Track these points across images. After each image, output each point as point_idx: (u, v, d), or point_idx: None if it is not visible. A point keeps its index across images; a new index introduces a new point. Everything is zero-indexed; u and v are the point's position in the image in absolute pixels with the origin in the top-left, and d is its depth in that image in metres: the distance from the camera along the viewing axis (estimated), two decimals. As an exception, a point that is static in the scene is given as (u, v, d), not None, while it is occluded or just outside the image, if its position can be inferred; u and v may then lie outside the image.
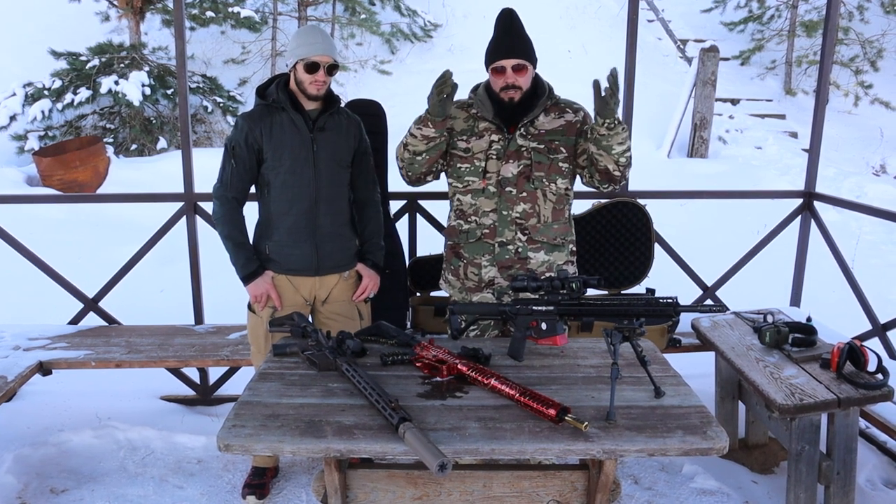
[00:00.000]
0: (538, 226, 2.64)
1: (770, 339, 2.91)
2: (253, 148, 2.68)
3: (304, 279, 2.78)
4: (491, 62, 2.59)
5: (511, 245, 2.64)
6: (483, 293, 2.71)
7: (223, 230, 2.73)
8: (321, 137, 2.70)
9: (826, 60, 3.85)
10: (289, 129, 2.67)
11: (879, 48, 11.87)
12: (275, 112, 2.68)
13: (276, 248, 2.74)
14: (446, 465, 1.56)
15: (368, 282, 2.87)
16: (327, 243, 2.76)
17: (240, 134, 2.67)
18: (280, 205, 2.71)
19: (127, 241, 4.21)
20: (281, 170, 2.69)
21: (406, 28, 11.93)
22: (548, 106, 2.65)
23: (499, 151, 2.62)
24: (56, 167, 7.80)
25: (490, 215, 2.65)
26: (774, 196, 4.61)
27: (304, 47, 2.61)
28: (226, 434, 1.75)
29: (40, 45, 9.62)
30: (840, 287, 3.87)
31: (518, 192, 2.62)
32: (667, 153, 9.54)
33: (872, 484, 3.02)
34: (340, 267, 2.82)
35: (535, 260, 2.66)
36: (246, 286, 2.74)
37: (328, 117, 2.72)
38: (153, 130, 9.47)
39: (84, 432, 3.28)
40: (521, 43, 2.56)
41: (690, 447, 1.75)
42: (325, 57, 2.62)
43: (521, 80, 2.56)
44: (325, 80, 2.65)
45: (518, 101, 2.59)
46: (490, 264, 2.67)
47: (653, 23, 13.13)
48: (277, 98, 2.68)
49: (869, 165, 9.88)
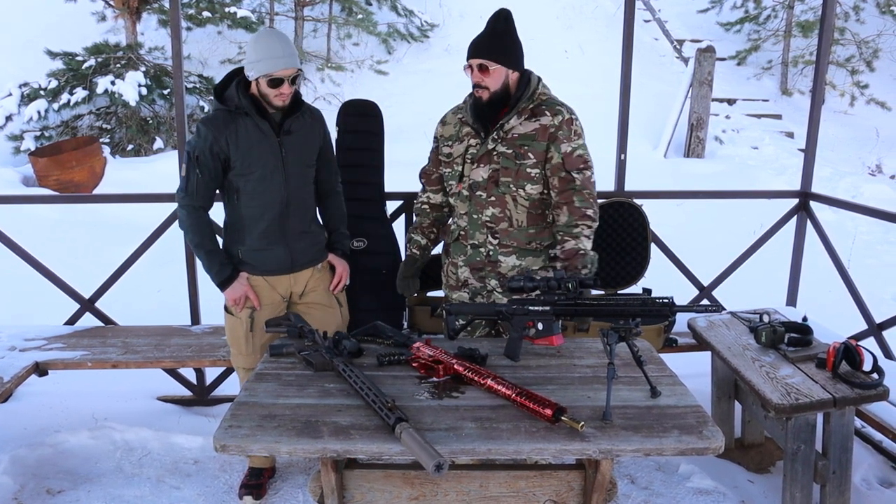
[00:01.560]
0: (509, 229, 2.65)
1: (766, 339, 2.91)
2: (219, 157, 2.60)
3: (280, 278, 2.78)
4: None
5: (482, 248, 2.69)
6: (461, 292, 2.78)
7: (192, 239, 2.68)
8: (288, 141, 2.66)
9: (822, 60, 3.86)
10: (255, 135, 2.60)
11: (875, 48, 11.89)
12: (238, 117, 2.60)
13: (249, 252, 2.73)
14: (443, 466, 1.56)
15: (342, 270, 2.90)
16: (299, 242, 2.77)
17: (203, 143, 2.58)
18: (251, 210, 2.68)
19: (123, 242, 4.20)
20: (251, 178, 2.64)
21: (403, 28, 11.93)
22: (522, 109, 2.60)
23: (473, 155, 2.65)
24: (52, 167, 7.78)
25: (464, 218, 2.70)
26: (771, 196, 4.61)
27: (265, 62, 2.51)
28: (222, 434, 1.75)
29: (36, 46, 9.61)
30: (836, 287, 3.88)
31: (487, 197, 2.63)
32: (663, 153, 9.55)
33: (868, 483, 3.03)
34: (313, 262, 2.84)
35: (506, 264, 2.67)
36: (223, 291, 2.73)
37: (294, 119, 2.67)
38: (149, 131, 9.46)
39: (81, 433, 3.27)
40: (492, 43, 2.54)
41: (687, 447, 1.75)
42: (288, 70, 2.54)
43: (487, 80, 2.54)
44: (289, 92, 2.59)
45: (487, 102, 2.58)
46: (464, 265, 2.73)
47: (649, 23, 13.15)
48: (240, 104, 2.58)
49: (865, 165, 9.90)
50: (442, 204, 2.87)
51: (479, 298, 2.74)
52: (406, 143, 6.80)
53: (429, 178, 2.88)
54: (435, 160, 2.83)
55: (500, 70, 2.55)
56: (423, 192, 2.90)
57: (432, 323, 3.43)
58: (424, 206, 2.89)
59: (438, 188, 2.85)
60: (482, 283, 2.72)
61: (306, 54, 11.19)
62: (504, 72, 2.56)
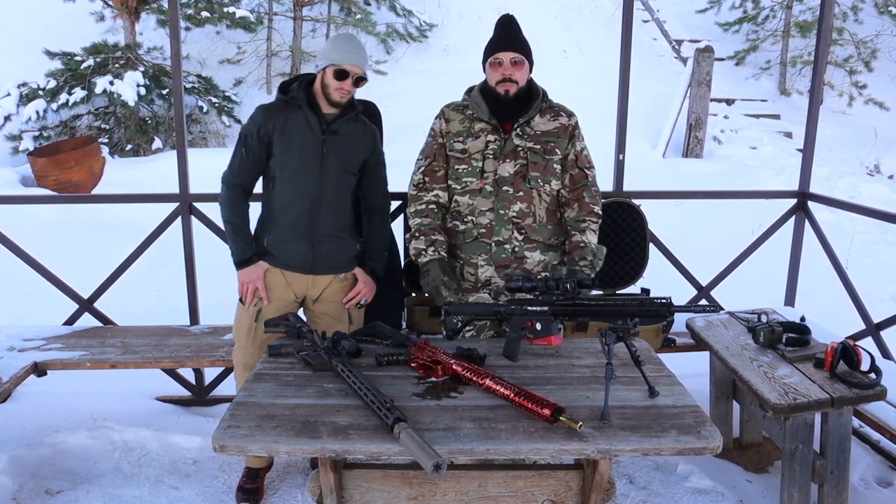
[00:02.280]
0: (534, 225, 2.67)
1: (764, 339, 2.92)
2: (264, 140, 2.71)
3: (298, 276, 2.79)
4: (489, 55, 2.64)
5: (507, 244, 2.66)
6: (480, 293, 2.72)
7: (224, 213, 2.78)
8: (332, 140, 2.72)
9: (820, 61, 3.86)
10: (302, 127, 2.70)
11: (873, 49, 11.90)
12: (291, 109, 2.71)
13: (274, 241, 2.77)
14: (441, 466, 1.57)
15: (363, 287, 2.87)
16: (325, 244, 2.77)
17: (254, 125, 2.71)
18: (283, 200, 2.74)
19: (122, 242, 4.20)
20: (288, 166, 2.72)
21: (402, 28, 11.93)
22: (543, 108, 2.70)
23: (495, 151, 2.65)
24: (51, 167, 7.77)
25: (487, 214, 2.67)
26: (769, 196, 4.62)
27: (338, 53, 2.64)
28: (221, 434, 1.75)
29: (35, 46, 9.60)
30: (834, 287, 3.88)
31: (515, 192, 2.64)
32: (662, 153, 9.56)
33: (866, 483, 3.04)
34: (336, 269, 2.83)
35: (532, 259, 2.68)
36: (238, 271, 2.77)
37: (343, 122, 2.75)
38: (148, 131, 9.46)
39: (79, 433, 3.27)
40: (519, 39, 2.63)
41: (685, 447, 1.75)
42: (356, 68, 2.65)
43: (518, 74, 2.60)
44: (350, 90, 2.68)
45: (513, 97, 2.62)
46: (487, 263, 2.69)
47: (648, 23, 13.17)
48: (296, 96, 2.70)
49: (863, 165, 9.91)
50: (446, 203, 2.79)
51: (503, 298, 2.64)
52: (405, 143, 6.78)
53: (434, 176, 2.74)
54: (444, 156, 2.74)
55: (527, 66, 2.63)
56: (429, 192, 2.75)
57: (431, 323, 3.44)
58: (432, 205, 2.74)
59: (445, 186, 2.76)
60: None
61: (305, 54, 11.19)
62: (529, 70, 2.65)
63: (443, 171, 2.77)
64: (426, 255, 2.68)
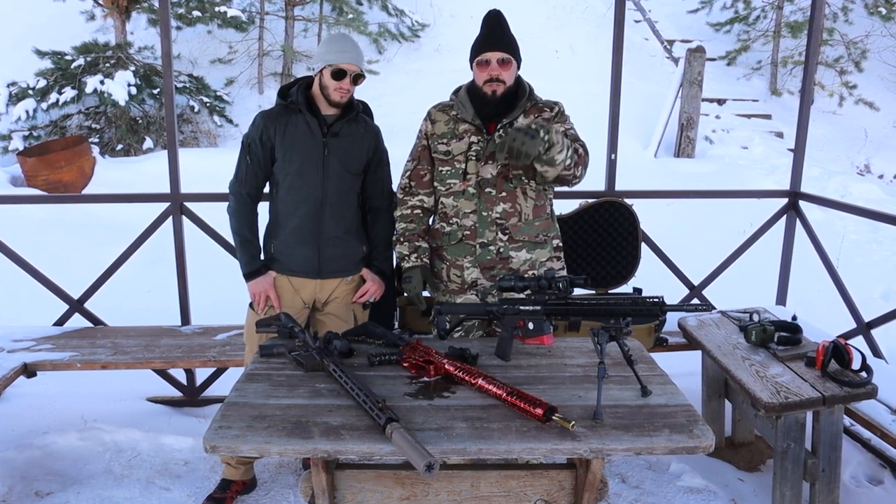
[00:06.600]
0: (519, 224, 2.65)
1: (756, 338, 2.93)
2: (266, 146, 2.72)
3: (306, 281, 2.78)
4: (476, 55, 2.60)
5: (492, 245, 2.65)
6: (467, 294, 2.72)
7: (233, 224, 2.79)
8: (333, 143, 2.72)
9: (811, 61, 3.88)
10: (302, 131, 2.70)
11: (863, 49, 11.96)
12: (291, 113, 2.71)
13: (280, 247, 2.77)
14: (433, 466, 1.56)
15: (371, 285, 2.86)
16: (330, 248, 2.77)
17: (256, 131, 2.72)
18: (287, 205, 2.74)
19: (113, 242, 4.18)
20: (290, 170, 2.71)
21: (393, 28, 11.91)
22: (528, 108, 2.67)
23: (478, 153, 2.64)
24: (41, 167, 7.72)
25: (471, 216, 2.66)
26: (760, 196, 4.64)
27: (333, 53, 2.63)
28: (212, 435, 1.74)
29: (25, 45, 9.53)
30: (825, 286, 3.90)
31: (497, 193, 2.63)
32: (654, 153, 9.58)
33: (857, 481, 3.05)
34: (343, 272, 2.83)
35: (517, 259, 2.67)
36: (248, 283, 2.77)
37: (344, 124, 2.74)
38: (139, 130, 9.41)
39: (69, 434, 3.25)
40: (507, 38, 2.60)
41: (677, 446, 1.76)
42: (353, 66, 2.65)
43: (505, 74, 2.57)
44: (349, 89, 2.67)
45: (500, 97, 2.59)
46: (472, 265, 2.68)
47: (640, 23, 13.19)
48: (296, 100, 2.70)
49: (853, 165, 9.97)
50: (431, 207, 2.78)
51: (491, 298, 2.66)
52: (397, 143, 6.76)
53: (421, 181, 2.75)
54: (429, 159, 2.74)
55: (515, 65, 2.60)
56: (413, 196, 2.75)
57: (423, 323, 3.43)
58: (417, 210, 2.75)
59: (430, 191, 2.76)
60: (494, 282, 2.68)
61: (297, 54, 11.16)
62: (516, 69, 2.62)
63: (429, 174, 2.75)
64: (409, 260, 2.72)
